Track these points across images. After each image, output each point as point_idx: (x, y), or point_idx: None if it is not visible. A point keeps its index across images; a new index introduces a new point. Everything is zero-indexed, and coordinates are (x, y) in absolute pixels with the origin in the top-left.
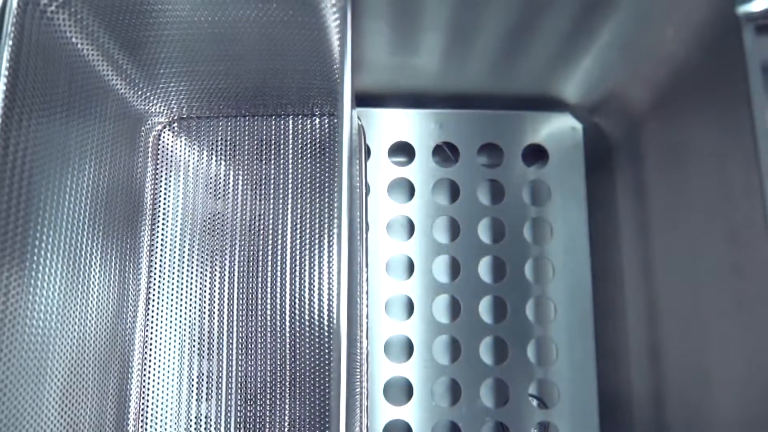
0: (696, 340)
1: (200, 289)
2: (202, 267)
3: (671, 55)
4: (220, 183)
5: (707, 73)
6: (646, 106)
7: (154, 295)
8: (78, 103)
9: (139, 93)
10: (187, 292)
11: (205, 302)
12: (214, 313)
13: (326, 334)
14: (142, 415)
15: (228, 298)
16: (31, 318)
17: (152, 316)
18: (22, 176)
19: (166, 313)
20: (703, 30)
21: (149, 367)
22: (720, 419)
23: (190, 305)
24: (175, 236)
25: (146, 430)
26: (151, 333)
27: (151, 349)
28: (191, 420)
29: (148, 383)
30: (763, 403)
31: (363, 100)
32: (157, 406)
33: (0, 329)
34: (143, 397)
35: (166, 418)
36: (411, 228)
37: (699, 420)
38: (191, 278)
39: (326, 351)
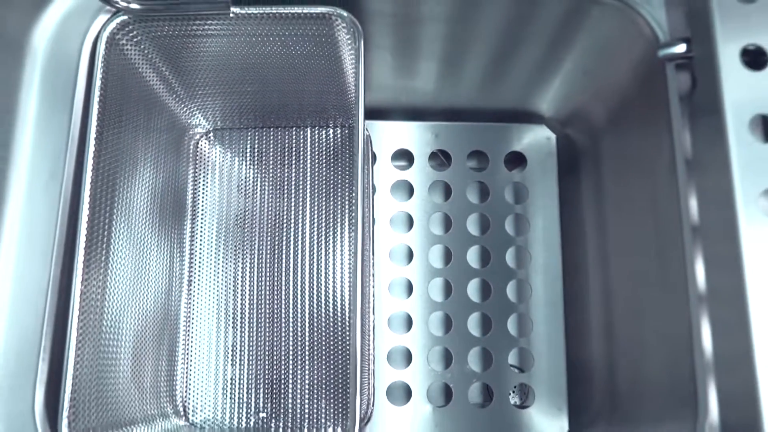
0: (636, 315)
1: (232, 272)
2: (234, 254)
3: (619, 82)
4: (248, 184)
5: (643, 99)
6: (603, 122)
7: (194, 277)
8: (143, 119)
9: (185, 109)
10: (221, 275)
11: (237, 283)
12: (244, 292)
13: (339, 310)
14: (188, 375)
15: (257, 280)
16: (112, 292)
17: (193, 295)
18: (108, 180)
19: (205, 293)
20: (640, 65)
21: (191, 336)
22: (653, 375)
23: (224, 286)
24: (212, 228)
25: (190, 387)
26: (193, 308)
27: (192, 322)
28: (227, 380)
29: (191, 349)
30: (679, 360)
31: (370, 114)
32: (198, 368)
33: (97, 301)
34: (188, 361)
35: (205, 378)
36: (410, 222)
37: (639, 377)
38: (225, 263)
39: (338, 324)
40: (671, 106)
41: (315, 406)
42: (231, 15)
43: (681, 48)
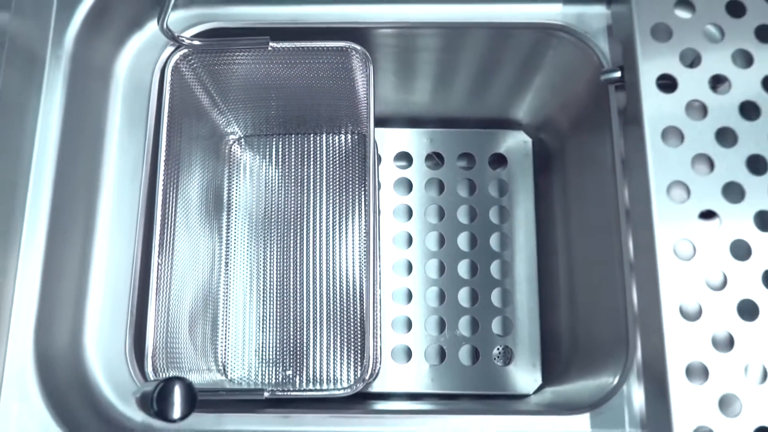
0: (591, 287)
1: (262, 255)
2: (262, 240)
3: (577, 97)
4: (274, 181)
5: (595, 111)
6: (567, 129)
7: (230, 259)
8: (194, 128)
9: (224, 119)
10: (252, 257)
11: (266, 264)
12: (272, 271)
13: (350, 285)
14: (226, 339)
15: (282, 261)
16: (176, 268)
17: (230, 274)
18: (172, 178)
19: (239, 272)
20: (592, 85)
21: (228, 308)
22: (602, 331)
23: (255, 266)
24: (244, 219)
25: (228, 349)
26: (229, 285)
27: (229, 296)
28: (258, 344)
29: (228, 319)
30: (618, 318)
31: (376, 122)
32: (234, 334)
33: (166, 274)
34: (226, 328)
35: (240, 342)
36: (410, 213)
37: (593, 334)
38: (255, 248)
39: (350, 296)
40: (612, 117)
41: (331, 364)
42: (269, 49)
43: (617, 74)
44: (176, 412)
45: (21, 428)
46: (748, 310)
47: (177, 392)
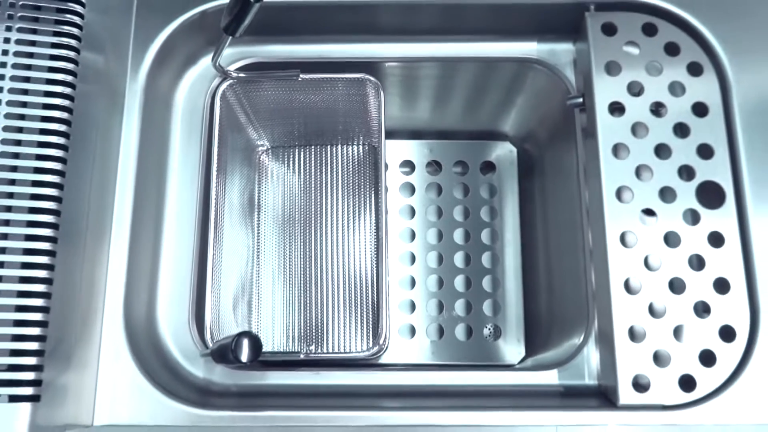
0: (564, 274)
1: (287, 248)
2: (287, 235)
3: (553, 115)
4: (296, 186)
5: (566, 127)
6: (546, 140)
7: (261, 251)
8: (235, 141)
9: (255, 133)
10: (279, 250)
11: (290, 256)
12: (296, 262)
13: (362, 273)
14: (259, 319)
15: (304, 253)
16: (225, 257)
17: (260, 264)
18: (221, 183)
19: (268, 262)
20: (563, 106)
21: (260, 292)
22: (571, 309)
23: (281, 258)
24: (272, 218)
25: (260, 326)
26: (260, 273)
27: (260, 282)
28: (285, 323)
29: (260, 302)
30: (582, 297)
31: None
32: (264, 315)
33: (218, 261)
34: (258, 309)
35: (270, 322)
36: (413, 212)
37: (565, 313)
38: (282, 242)
39: (362, 283)
40: (576, 134)
41: (347, 340)
42: (299, 79)
43: (580, 99)
44: (247, 355)
45: (116, 380)
46: (677, 286)
47: (246, 342)
